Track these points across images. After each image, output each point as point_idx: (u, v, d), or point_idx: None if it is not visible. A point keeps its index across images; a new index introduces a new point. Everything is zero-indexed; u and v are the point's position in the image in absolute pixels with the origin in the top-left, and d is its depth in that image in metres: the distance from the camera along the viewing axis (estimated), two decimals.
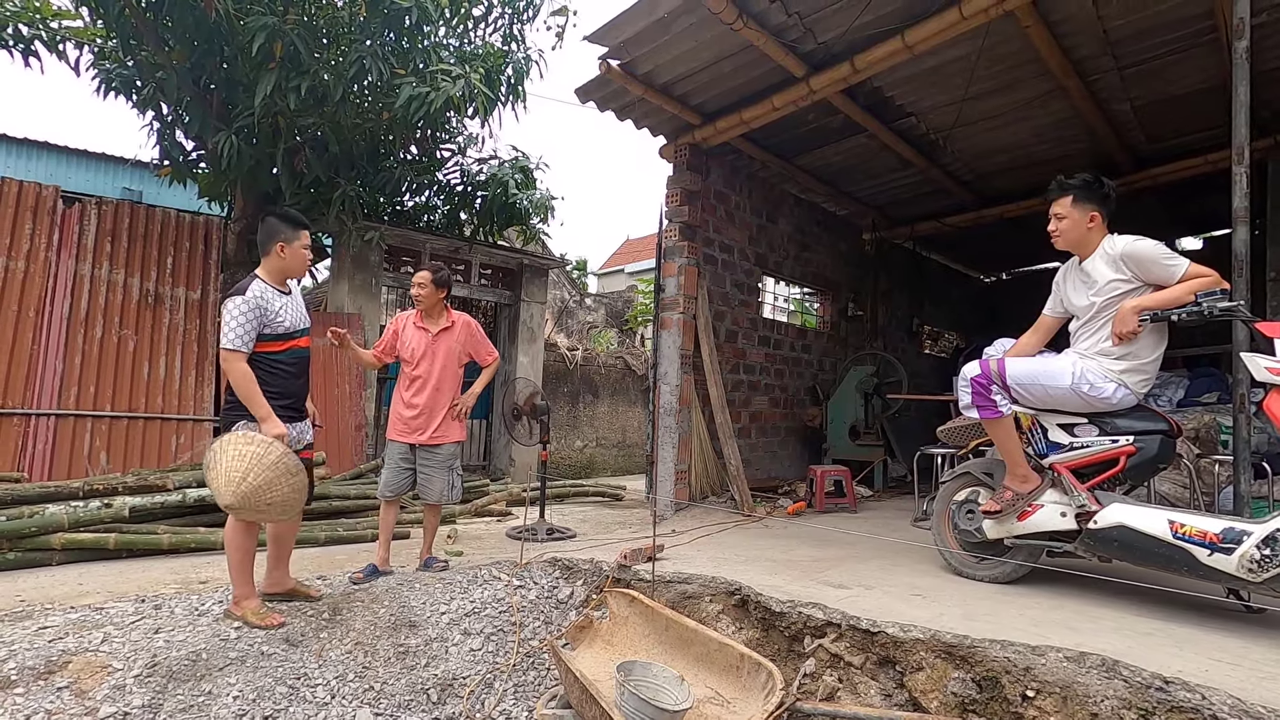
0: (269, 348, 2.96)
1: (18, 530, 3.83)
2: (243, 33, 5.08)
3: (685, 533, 4.58)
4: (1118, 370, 2.87)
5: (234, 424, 2.92)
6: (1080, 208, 3.08)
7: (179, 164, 6.37)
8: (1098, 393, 2.84)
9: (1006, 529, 2.93)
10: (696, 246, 5.60)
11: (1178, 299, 2.72)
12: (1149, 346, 2.87)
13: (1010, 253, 9.92)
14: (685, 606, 3.17)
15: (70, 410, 5.49)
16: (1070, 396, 2.90)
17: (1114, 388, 2.85)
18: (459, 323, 3.93)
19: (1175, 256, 2.84)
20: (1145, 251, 2.85)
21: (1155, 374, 2.92)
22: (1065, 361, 3.00)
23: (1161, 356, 2.90)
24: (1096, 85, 5.17)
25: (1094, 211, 3.06)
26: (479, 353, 4.04)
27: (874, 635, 2.48)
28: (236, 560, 2.99)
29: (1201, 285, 2.71)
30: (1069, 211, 3.12)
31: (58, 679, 2.54)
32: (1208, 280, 2.73)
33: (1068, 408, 2.95)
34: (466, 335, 3.95)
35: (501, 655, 3.32)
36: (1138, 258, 2.86)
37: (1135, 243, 2.89)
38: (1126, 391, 2.85)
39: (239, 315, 2.85)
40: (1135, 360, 2.86)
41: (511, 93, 6.55)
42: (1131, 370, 2.87)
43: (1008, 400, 2.99)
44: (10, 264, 5.49)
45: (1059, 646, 2.20)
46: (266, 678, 2.78)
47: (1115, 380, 2.86)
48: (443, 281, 3.83)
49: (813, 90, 4.72)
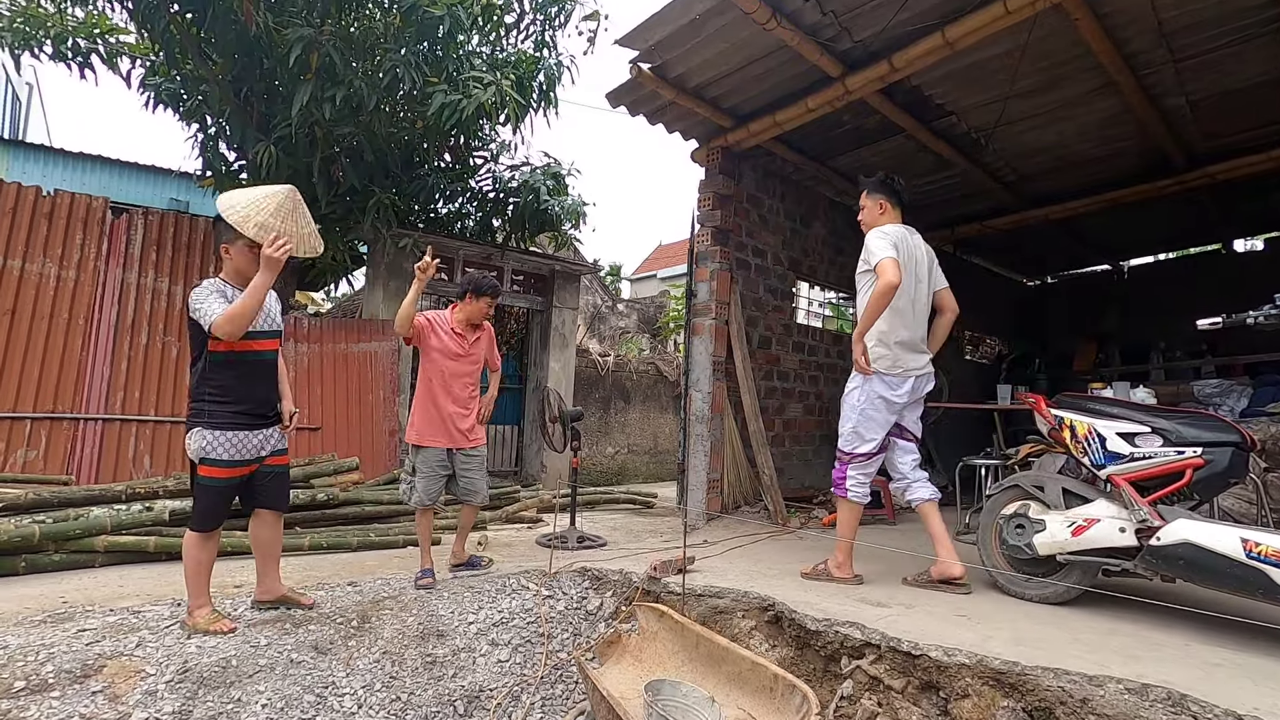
0: (221, 347, 2.76)
1: (63, 532, 3.92)
2: (281, 44, 5.18)
3: (717, 543, 4.48)
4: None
5: (190, 430, 2.79)
6: (873, 198, 3.59)
7: (221, 174, 6.53)
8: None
9: (1060, 545, 2.77)
10: (729, 251, 5.51)
11: (869, 314, 3.23)
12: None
13: (1056, 256, 9.57)
14: (717, 622, 3.07)
15: (116, 415, 5.65)
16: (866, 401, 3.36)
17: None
18: (487, 331, 4.02)
19: (879, 249, 3.24)
20: (868, 240, 3.39)
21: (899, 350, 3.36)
22: (851, 384, 3.48)
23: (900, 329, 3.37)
24: (1149, 80, 4.92)
25: (882, 200, 3.57)
26: (493, 359, 4.10)
27: (916, 658, 2.35)
28: (192, 570, 2.88)
29: (877, 288, 3.16)
30: (865, 202, 3.63)
31: (93, 683, 2.56)
32: (880, 282, 3.14)
33: (878, 412, 3.34)
34: (489, 342, 4.04)
35: (529, 667, 3.28)
36: (865, 244, 3.38)
37: (871, 232, 3.40)
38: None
39: (203, 297, 2.72)
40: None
41: (543, 99, 6.56)
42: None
43: (863, 481, 3.40)
44: (62, 273, 5.68)
45: (1119, 677, 2.05)
46: (295, 686, 2.77)
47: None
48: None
49: (849, 90, 4.60)
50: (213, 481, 2.82)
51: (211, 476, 2.81)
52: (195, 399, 2.81)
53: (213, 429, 2.78)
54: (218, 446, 2.79)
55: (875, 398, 3.33)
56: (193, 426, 2.79)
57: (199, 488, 2.84)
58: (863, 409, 3.34)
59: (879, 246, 3.24)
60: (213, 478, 2.81)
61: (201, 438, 2.77)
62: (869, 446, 3.35)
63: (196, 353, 2.82)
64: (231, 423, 2.80)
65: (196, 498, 2.86)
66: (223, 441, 2.79)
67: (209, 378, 2.79)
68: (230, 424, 2.80)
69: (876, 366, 3.31)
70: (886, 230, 3.37)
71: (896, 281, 3.12)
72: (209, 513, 2.88)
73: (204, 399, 2.79)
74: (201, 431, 2.77)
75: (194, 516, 2.89)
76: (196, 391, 2.82)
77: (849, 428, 3.40)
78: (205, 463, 2.79)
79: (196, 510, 2.89)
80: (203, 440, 2.77)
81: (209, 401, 2.79)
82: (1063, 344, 9.70)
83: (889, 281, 3.10)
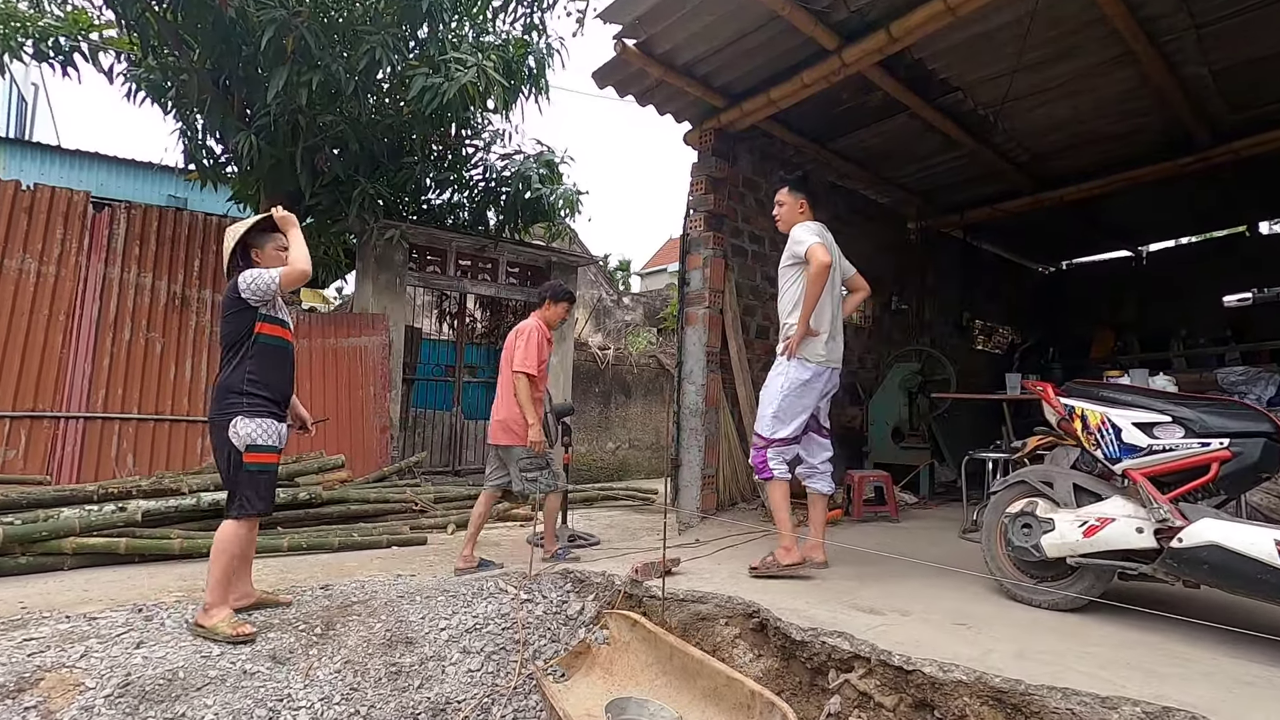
0: (269, 330, 2.87)
1: (30, 535, 3.78)
2: (256, 30, 5.01)
3: (709, 543, 4.28)
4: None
5: (232, 419, 2.78)
6: (794, 196, 3.60)
7: (205, 167, 6.39)
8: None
9: (1070, 547, 2.52)
10: (723, 237, 5.27)
11: (810, 297, 3.31)
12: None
13: (1070, 241, 9.22)
14: (698, 629, 2.86)
15: (99, 413, 5.52)
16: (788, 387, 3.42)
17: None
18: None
19: (807, 238, 3.34)
20: (793, 232, 3.48)
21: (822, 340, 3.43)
22: (774, 370, 3.54)
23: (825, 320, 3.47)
24: (1169, 48, 4.62)
25: (803, 199, 3.61)
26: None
27: (909, 673, 2.13)
28: (226, 565, 2.80)
29: (812, 270, 3.26)
30: (786, 198, 3.62)
31: (27, 698, 2.40)
32: (815, 264, 3.24)
33: (806, 399, 3.42)
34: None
35: (502, 676, 3.09)
36: (790, 237, 3.47)
37: (796, 226, 3.49)
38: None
39: (254, 273, 2.83)
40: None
41: (533, 84, 6.35)
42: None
43: (781, 460, 3.45)
44: (42, 269, 5.56)
45: (1135, 698, 1.82)
46: (246, 699, 2.60)
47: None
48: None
49: (846, 64, 4.34)
50: (265, 467, 2.85)
51: (262, 462, 2.83)
52: (232, 389, 2.81)
53: (253, 416, 2.80)
54: (262, 433, 2.82)
55: (799, 384, 3.42)
56: (233, 416, 2.79)
57: (250, 475, 2.82)
58: (785, 394, 3.43)
59: (805, 235, 3.38)
60: (264, 463, 2.84)
61: (246, 425, 2.78)
62: (788, 431, 3.43)
63: (237, 343, 2.85)
64: (269, 411, 2.85)
65: (246, 484, 2.82)
66: (265, 428, 2.83)
67: (249, 366, 2.82)
68: (268, 412, 2.85)
69: (806, 354, 3.42)
70: (808, 224, 3.51)
71: (829, 260, 3.29)
72: (267, 496, 2.90)
73: (243, 388, 2.81)
74: (245, 420, 2.78)
75: (247, 503, 2.83)
76: (233, 381, 2.82)
77: (769, 413, 3.47)
78: (253, 449, 2.80)
79: (251, 495, 2.83)
80: (249, 427, 2.79)
81: (249, 390, 2.81)
82: (1079, 332, 9.36)
83: (823, 261, 3.25)
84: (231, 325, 2.88)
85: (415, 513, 5.48)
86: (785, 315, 3.54)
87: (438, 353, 8.22)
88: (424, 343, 8.10)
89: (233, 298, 2.85)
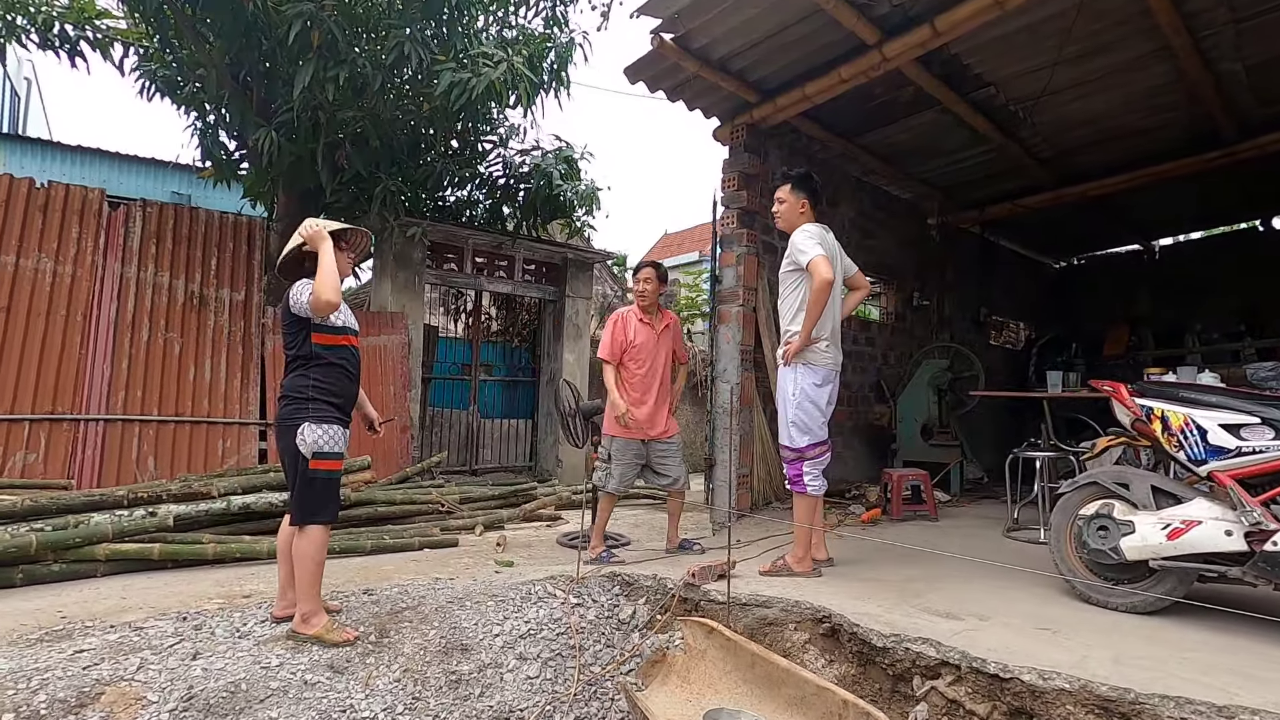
0: (325, 339, 2.83)
1: (62, 541, 3.70)
2: (280, 23, 4.90)
3: (750, 544, 4.23)
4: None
5: (299, 425, 2.74)
6: (796, 195, 3.51)
7: (221, 164, 6.27)
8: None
9: (1153, 550, 2.49)
10: (755, 234, 5.22)
11: (812, 313, 3.28)
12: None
13: (1083, 236, 9.22)
14: (765, 635, 2.82)
15: (118, 415, 5.42)
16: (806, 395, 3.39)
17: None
18: (673, 320, 4.11)
19: (809, 248, 3.27)
20: (794, 238, 3.40)
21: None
22: (783, 378, 3.49)
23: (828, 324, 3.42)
24: (1207, 43, 4.60)
25: (804, 198, 3.51)
26: (679, 350, 4.16)
27: (1005, 681, 2.09)
28: (313, 572, 2.81)
29: (813, 287, 3.22)
30: (787, 196, 3.53)
31: (89, 713, 2.34)
32: (817, 280, 3.19)
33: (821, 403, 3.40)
34: (676, 333, 4.11)
35: (561, 683, 3.03)
36: (791, 242, 3.40)
37: (797, 231, 3.41)
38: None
39: (300, 289, 2.79)
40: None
41: (555, 79, 6.26)
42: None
43: (817, 474, 3.40)
44: (58, 268, 5.45)
45: (1253, 707, 1.78)
46: (310, 711, 2.53)
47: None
48: (664, 276, 4.09)
49: (886, 58, 4.29)
50: (330, 474, 2.82)
51: (327, 469, 2.80)
52: (297, 394, 2.78)
53: (320, 422, 2.77)
54: (328, 439, 2.79)
55: (812, 388, 3.41)
56: (300, 422, 2.75)
57: (317, 482, 2.78)
58: (800, 400, 3.40)
59: (807, 245, 3.31)
60: (329, 470, 2.81)
61: (313, 432, 2.75)
62: (812, 438, 3.40)
63: (297, 350, 2.83)
64: (335, 417, 2.82)
65: (315, 492, 2.79)
66: (331, 434, 2.80)
67: (314, 375, 2.80)
68: (334, 418, 2.82)
69: (811, 360, 3.40)
70: (809, 229, 3.42)
71: (832, 278, 3.25)
72: (334, 500, 2.88)
73: (309, 394, 2.78)
74: (312, 426, 2.75)
75: (318, 511, 2.81)
76: (298, 387, 2.79)
77: (788, 422, 3.44)
78: (319, 456, 2.76)
79: (319, 504, 2.81)
80: (315, 434, 2.75)
81: (315, 397, 2.78)
82: (1092, 327, 9.37)
83: (825, 279, 3.20)
84: (289, 335, 2.86)
85: (442, 514, 5.42)
86: (786, 322, 3.53)
87: (454, 351, 8.14)
88: (440, 341, 8.01)
89: (286, 308, 2.83)
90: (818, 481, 3.42)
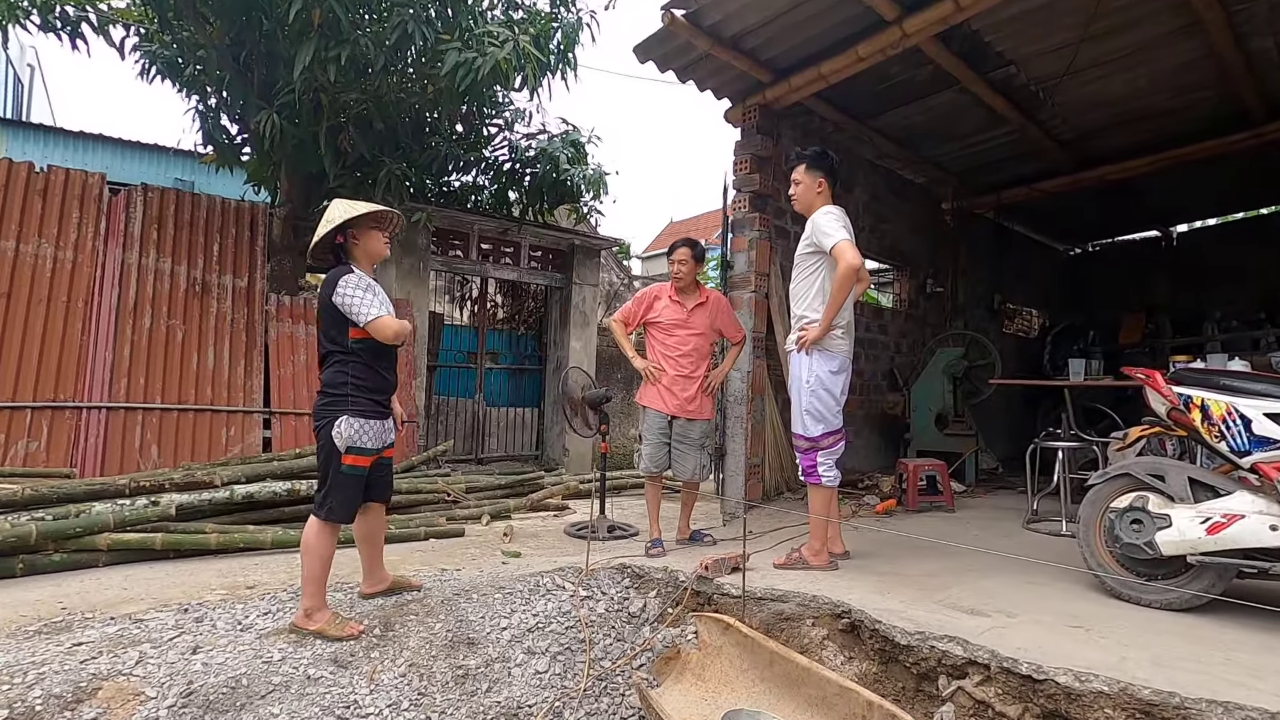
0: (364, 334, 2.76)
1: (63, 531, 3.64)
2: (280, 2, 4.77)
3: (762, 535, 4.14)
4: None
5: (336, 419, 2.70)
6: (812, 174, 3.37)
7: (223, 148, 6.16)
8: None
9: (1192, 544, 2.37)
10: (768, 218, 5.09)
11: (837, 299, 3.14)
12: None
13: (1100, 222, 9.01)
14: (782, 631, 2.73)
15: (121, 403, 5.36)
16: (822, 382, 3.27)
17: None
18: (712, 298, 4.00)
19: (833, 231, 3.13)
20: (816, 219, 3.25)
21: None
22: (796, 365, 3.37)
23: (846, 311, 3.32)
24: (1239, 17, 4.41)
25: (822, 178, 3.38)
26: (728, 329, 4.07)
27: (1038, 682, 1.99)
28: (318, 569, 2.76)
29: (840, 272, 3.07)
30: (803, 177, 3.39)
31: (86, 709, 2.27)
32: (843, 266, 3.04)
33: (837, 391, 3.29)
34: (718, 310, 4.00)
35: (570, 678, 2.95)
36: (813, 223, 3.26)
37: (820, 211, 3.26)
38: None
39: (356, 292, 2.70)
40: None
41: (561, 60, 6.11)
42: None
43: (831, 465, 3.30)
44: (59, 254, 5.37)
45: None
46: (313, 707, 2.46)
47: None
48: (700, 255, 3.98)
49: (906, 35, 4.13)
50: (358, 471, 2.79)
51: (357, 465, 2.77)
52: (336, 388, 2.75)
53: (358, 416, 2.74)
54: (365, 434, 2.77)
55: (828, 375, 3.30)
56: (337, 415, 2.72)
57: (343, 477, 2.75)
58: (815, 388, 3.29)
59: (832, 228, 3.17)
60: (359, 466, 2.78)
61: (350, 426, 2.72)
62: (827, 427, 3.30)
63: (335, 343, 2.77)
64: (374, 411, 2.80)
65: (337, 487, 2.75)
66: (368, 429, 2.78)
67: (352, 370, 2.76)
68: (372, 412, 2.80)
69: (831, 348, 3.30)
70: (833, 210, 3.28)
71: (860, 263, 3.13)
72: (353, 502, 2.82)
73: (347, 387, 2.75)
74: (349, 420, 2.72)
75: (332, 508, 2.76)
76: (336, 380, 2.76)
77: (802, 410, 3.33)
78: (352, 451, 2.74)
79: (338, 500, 2.76)
80: (352, 428, 2.73)
81: (353, 390, 2.75)
82: (1107, 315, 9.19)
83: (852, 264, 3.07)
84: (327, 328, 2.81)
85: (448, 504, 5.35)
86: (800, 307, 3.38)
87: (459, 339, 8.05)
88: (445, 329, 7.92)
89: (327, 302, 2.75)
90: (832, 472, 3.33)
